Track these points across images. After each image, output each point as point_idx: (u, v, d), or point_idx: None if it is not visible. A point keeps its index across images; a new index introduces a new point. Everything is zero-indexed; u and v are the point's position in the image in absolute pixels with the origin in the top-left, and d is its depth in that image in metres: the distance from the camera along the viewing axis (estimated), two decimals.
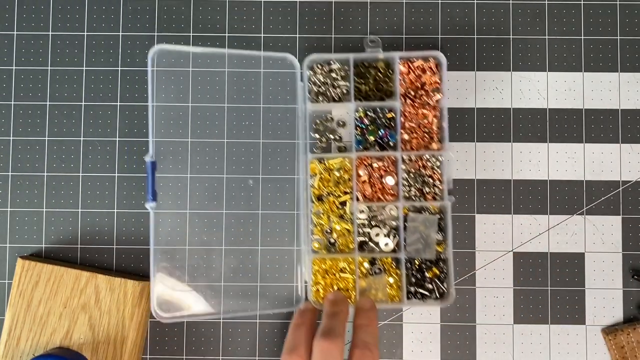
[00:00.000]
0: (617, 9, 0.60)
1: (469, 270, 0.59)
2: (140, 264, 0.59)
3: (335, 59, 0.58)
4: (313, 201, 0.57)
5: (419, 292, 0.56)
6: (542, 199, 0.59)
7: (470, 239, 0.59)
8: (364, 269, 0.57)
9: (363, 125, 0.57)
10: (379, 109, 0.57)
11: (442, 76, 0.57)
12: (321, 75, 0.58)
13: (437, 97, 0.57)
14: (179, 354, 0.58)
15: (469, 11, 0.60)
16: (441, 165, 0.57)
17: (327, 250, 0.57)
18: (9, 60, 0.60)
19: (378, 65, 0.58)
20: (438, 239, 0.56)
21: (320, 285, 0.56)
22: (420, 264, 0.57)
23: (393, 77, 0.58)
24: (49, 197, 0.59)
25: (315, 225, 0.57)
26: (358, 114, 0.57)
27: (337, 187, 0.57)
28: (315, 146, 0.59)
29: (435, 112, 0.57)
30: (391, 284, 0.56)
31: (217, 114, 0.59)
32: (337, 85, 0.58)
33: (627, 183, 0.59)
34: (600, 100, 0.60)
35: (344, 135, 0.59)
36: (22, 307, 0.55)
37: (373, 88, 0.58)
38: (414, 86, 0.57)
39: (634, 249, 0.59)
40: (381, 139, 0.57)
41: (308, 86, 0.57)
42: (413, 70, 0.57)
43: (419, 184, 0.57)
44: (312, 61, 0.57)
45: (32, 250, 0.59)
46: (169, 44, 0.57)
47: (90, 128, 0.59)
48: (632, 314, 0.58)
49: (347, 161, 0.57)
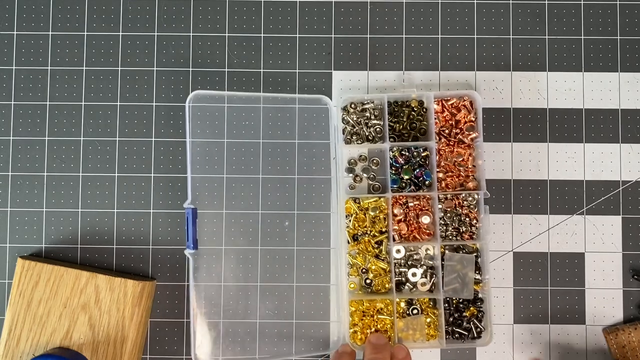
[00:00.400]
0: (617, 9, 0.60)
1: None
2: (140, 264, 0.59)
3: (369, 98, 0.58)
4: (349, 241, 0.57)
5: (457, 332, 0.56)
6: (542, 199, 0.59)
7: None
8: (400, 308, 0.57)
9: (398, 165, 0.57)
10: (414, 148, 0.57)
11: (477, 114, 0.57)
12: (354, 115, 0.58)
13: (472, 135, 0.57)
14: (179, 354, 0.58)
15: (469, 11, 0.60)
16: (477, 204, 0.57)
17: (362, 290, 0.57)
18: (9, 60, 0.60)
19: (411, 103, 0.58)
20: (476, 278, 0.56)
21: (358, 327, 0.56)
22: (458, 303, 0.57)
23: (427, 115, 0.58)
24: (49, 197, 0.59)
25: (351, 266, 0.57)
26: (393, 153, 0.57)
27: (373, 227, 0.57)
28: (350, 185, 0.59)
29: (470, 150, 0.57)
30: (428, 324, 0.56)
31: (253, 149, 0.59)
32: (370, 125, 0.58)
33: (627, 183, 0.59)
34: (600, 100, 0.60)
35: (378, 173, 0.59)
36: (22, 307, 0.55)
37: (407, 126, 0.58)
38: (449, 124, 0.58)
39: (634, 249, 0.59)
40: (416, 178, 0.57)
41: (342, 126, 0.58)
42: (447, 108, 0.58)
43: (456, 222, 0.57)
44: (346, 101, 0.57)
45: (32, 250, 0.59)
46: (204, 90, 0.58)
47: (90, 128, 0.59)
48: (632, 314, 0.58)
49: (383, 200, 0.57)
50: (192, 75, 0.60)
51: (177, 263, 0.59)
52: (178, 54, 0.60)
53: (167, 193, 0.59)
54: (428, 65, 0.60)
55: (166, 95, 0.60)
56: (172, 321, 0.58)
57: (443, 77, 0.60)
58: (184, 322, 0.58)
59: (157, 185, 0.59)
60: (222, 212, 0.58)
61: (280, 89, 0.59)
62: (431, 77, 0.60)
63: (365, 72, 0.60)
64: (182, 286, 0.58)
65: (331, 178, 0.59)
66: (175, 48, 0.60)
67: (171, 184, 0.59)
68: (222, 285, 0.58)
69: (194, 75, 0.60)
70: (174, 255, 0.59)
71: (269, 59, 0.60)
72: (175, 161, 0.59)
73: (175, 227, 0.59)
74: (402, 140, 0.58)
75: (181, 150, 0.59)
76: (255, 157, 0.59)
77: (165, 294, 0.58)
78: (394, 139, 0.58)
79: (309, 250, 0.58)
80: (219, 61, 0.60)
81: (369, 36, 0.60)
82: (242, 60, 0.60)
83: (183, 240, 0.59)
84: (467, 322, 0.56)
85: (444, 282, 0.56)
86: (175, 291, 0.58)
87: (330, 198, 0.59)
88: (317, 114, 0.59)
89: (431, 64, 0.60)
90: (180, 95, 0.59)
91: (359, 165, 0.59)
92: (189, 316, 0.57)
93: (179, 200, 0.59)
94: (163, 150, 0.59)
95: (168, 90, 0.60)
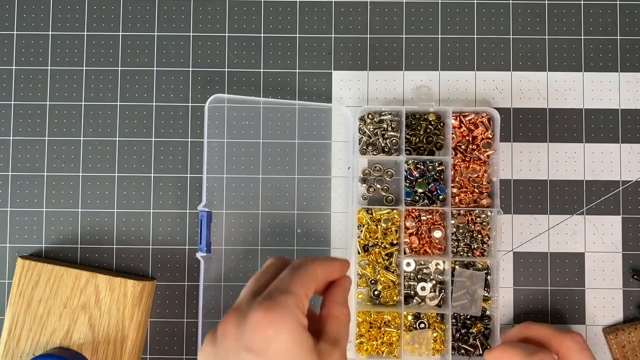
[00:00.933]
0: (617, 9, 0.60)
1: None
2: (140, 264, 0.59)
3: (386, 110, 0.58)
4: (359, 251, 0.57)
5: (463, 347, 0.56)
6: (542, 199, 0.59)
7: None
8: (407, 321, 0.57)
9: (412, 178, 0.57)
10: (429, 162, 0.57)
11: (494, 131, 0.57)
12: (371, 125, 0.58)
13: (488, 152, 0.57)
14: (179, 354, 0.58)
15: (469, 11, 0.60)
16: (491, 221, 0.57)
17: (370, 301, 0.57)
18: (9, 60, 0.60)
19: (429, 117, 0.58)
20: (485, 295, 0.56)
21: (365, 338, 0.56)
22: (465, 319, 0.57)
23: (444, 129, 0.58)
24: (49, 197, 0.59)
25: (360, 276, 0.57)
26: (408, 166, 0.57)
27: (384, 238, 0.57)
28: (363, 196, 0.59)
29: (485, 167, 0.57)
30: (435, 339, 0.56)
31: (263, 150, 0.59)
32: (387, 136, 0.58)
33: (627, 183, 0.59)
34: (600, 100, 0.60)
35: (391, 185, 0.59)
36: (22, 307, 0.55)
37: (423, 140, 0.58)
38: (465, 140, 0.58)
39: (634, 249, 0.59)
40: (430, 192, 0.57)
41: (358, 136, 0.58)
42: (465, 124, 0.57)
43: (467, 239, 0.57)
44: (364, 111, 0.57)
45: (32, 250, 0.59)
46: (223, 94, 0.58)
47: (90, 128, 0.59)
48: (632, 313, 0.58)
49: (395, 213, 0.57)
50: (192, 75, 0.60)
51: (177, 263, 0.59)
52: (178, 54, 0.60)
53: (167, 193, 0.59)
54: (428, 65, 0.60)
55: (166, 95, 0.60)
56: (172, 321, 0.58)
57: (443, 77, 0.60)
58: (184, 322, 0.58)
59: (157, 185, 0.59)
60: (226, 212, 0.58)
61: (280, 88, 0.59)
62: (431, 77, 0.60)
63: (365, 72, 0.60)
64: (182, 286, 0.58)
65: (330, 182, 0.59)
66: (175, 48, 0.60)
67: (171, 184, 0.59)
68: (222, 285, 0.58)
69: (194, 75, 0.60)
70: (174, 255, 0.59)
71: (269, 59, 0.60)
72: (175, 161, 0.59)
73: (175, 227, 0.59)
74: (417, 153, 0.58)
75: (181, 150, 0.59)
76: (264, 157, 0.59)
77: (165, 294, 0.58)
78: (409, 151, 0.58)
79: (309, 250, 0.58)
80: (219, 61, 0.60)
81: (369, 36, 0.60)
82: (242, 60, 0.60)
83: (183, 240, 0.59)
84: (474, 338, 0.56)
85: (452, 297, 0.56)
86: (175, 291, 0.58)
87: (330, 199, 0.59)
88: (316, 115, 0.59)
89: (431, 64, 0.60)
90: (180, 95, 0.59)
91: (373, 176, 0.59)
92: (190, 316, 0.57)
93: (179, 200, 0.59)
94: (163, 150, 0.59)
95: (168, 90, 0.60)
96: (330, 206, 0.59)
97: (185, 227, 0.59)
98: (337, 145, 0.59)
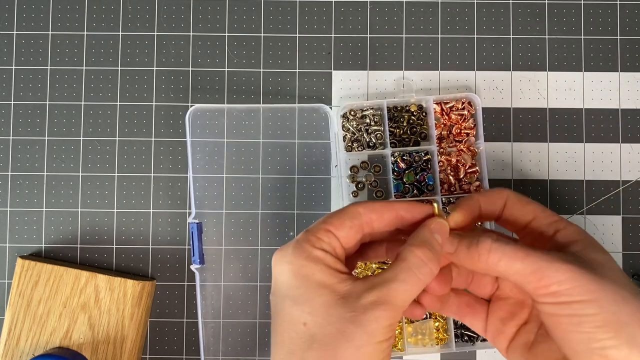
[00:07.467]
0: (617, 9, 0.60)
1: None
2: (140, 264, 0.59)
3: (368, 105, 0.58)
4: None
5: (466, 334, 0.56)
6: (542, 199, 0.59)
7: None
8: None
9: (400, 170, 0.57)
10: (415, 152, 0.57)
11: (477, 117, 0.57)
12: (354, 122, 0.58)
13: (472, 138, 0.57)
14: (179, 354, 0.58)
15: (469, 11, 0.60)
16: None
17: None
18: (9, 60, 0.60)
19: (411, 108, 0.58)
20: None
21: None
22: None
23: (427, 119, 0.58)
24: (48, 197, 0.59)
25: (357, 274, 0.57)
26: (394, 159, 0.57)
27: None
28: (353, 193, 0.59)
29: (471, 151, 0.58)
30: (437, 328, 0.56)
31: (253, 151, 0.59)
32: (371, 131, 0.58)
33: (627, 183, 0.59)
34: (600, 100, 0.60)
35: (380, 180, 0.59)
36: (22, 307, 0.55)
37: (407, 131, 0.58)
38: (448, 127, 0.58)
39: (634, 249, 0.58)
40: (419, 182, 0.57)
41: (342, 133, 0.58)
42: (446, 111, 0.58)
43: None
44: (345, 108, 0.58)
45: (32, 250, 0.59)
46: (204, 104, 0.58)
47: (90, 128, 0.59)
48: None
49: None
50: (192, 75, 0.60)
51: (177, 263, 0.59)
52: (178, 54, 0.60)
53: (167, 193, 0.59)
54: (428, 65, 0.60)
55: (166, 95, 0.60)
56: (172, 321, 0.58)
57: (443, 77, 0.60)
58: (184, 322, 0.58)
59: (157, 185, 0.59)
60: (222, 212, 0.58)
61: (280, 88, 0.59)
62: (431, 77, 0.60)
63: (365, 72, 0.60)
64: (182, 286, 0.58)
65: (330, 182, 0.59)
66: (175, 48, 0.60)
67: (171, 183, 0.59)
68: (221, 285, 0.58)
69: (194, 75, 0.60)
70: (174, 255, 0.59)
71: (269, 59, 0.60)
72: (175, 161, 0.59)
73: (175, 227, 0.59)
74: (403, 145, 0.58)
75: (181, 150, 0.59)
76: (255, 160, 0.59)
77: (165, 294, 0.58)
78: (394, 144, 0.58)
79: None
80: (219, 61, 0.60)
81: (369, 36, 0.60)
82: (242, 60, 0.60)
83: (183, 240, 0.59)
84: None
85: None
86: (175, 291, 0.58)
87: (330, 199, 0.59)
88: (316, 114, 0.59)
89: (431, 64, 0.60)
90: (180, 95, 0.59)
91: (361, 172, 0.59)
92: (189, 316, 0.57)
93: (179, 200, 0.59)
94: (163, 150, 0.59)
95: (168, 90, 0.60)
96: (330, 207, 0.59)
97: (185, 227, 0.59)
98: (320, 144, 0.59)
